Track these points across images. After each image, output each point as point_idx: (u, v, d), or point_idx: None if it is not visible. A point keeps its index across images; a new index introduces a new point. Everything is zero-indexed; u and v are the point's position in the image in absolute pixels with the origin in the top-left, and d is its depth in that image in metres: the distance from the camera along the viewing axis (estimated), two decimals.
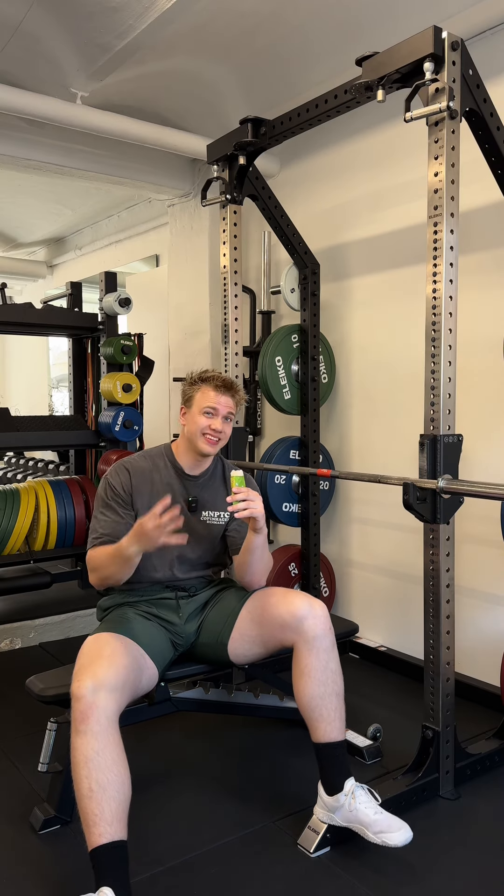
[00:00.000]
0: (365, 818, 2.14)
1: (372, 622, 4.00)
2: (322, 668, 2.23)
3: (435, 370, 2.43)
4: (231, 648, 2.42)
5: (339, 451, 4.16)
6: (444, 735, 2.52)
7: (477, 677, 3.36)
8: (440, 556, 2.48)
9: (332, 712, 2.22)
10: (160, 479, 2.51)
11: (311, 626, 2.24)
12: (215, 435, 2.45)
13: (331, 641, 2.27)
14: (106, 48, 3.36)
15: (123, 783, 1.92)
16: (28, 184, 5.46)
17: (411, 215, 3.66)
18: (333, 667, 2.26)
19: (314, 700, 2.22)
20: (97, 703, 1.95)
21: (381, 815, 2.14)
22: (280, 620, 2.29)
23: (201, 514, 2.56)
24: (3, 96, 3.50)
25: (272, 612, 2.32)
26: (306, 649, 2.24)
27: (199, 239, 4.92)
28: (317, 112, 2.92)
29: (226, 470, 2.66)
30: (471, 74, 2.45)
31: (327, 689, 2.23)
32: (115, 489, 2.45)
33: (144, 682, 2.23)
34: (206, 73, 3.73)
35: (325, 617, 2.28)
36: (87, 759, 1.90)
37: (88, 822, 1.87)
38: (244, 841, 2.28)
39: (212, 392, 2.46)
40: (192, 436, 2.47)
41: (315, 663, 2.23)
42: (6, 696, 3.40)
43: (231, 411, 2.49)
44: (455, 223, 2.43)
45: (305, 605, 2.27)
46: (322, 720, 2.22)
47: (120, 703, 2.02)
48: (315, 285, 3.91)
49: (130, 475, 2.48)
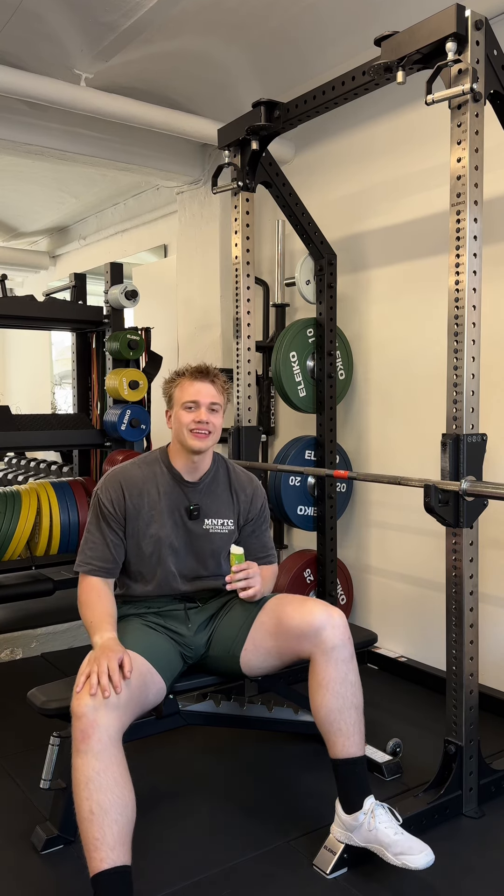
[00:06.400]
0: (385, 838, 2.13)
1: (391, 631, 4.00)
2: (341, 680, 2.22)
3: (458, 366, 2.43)
4: (244, 661, 2.42)
5: (357, 451, 4.16)
6: (468, 750, 2.52)
7: (502, 689, 3.36)
8: (463, 561, 2.48)
9: (352, 727, 2.22)
10: (157, 490, 2.47)
11: (329, 636, 2.23)
12: (202, 428, 2.40)
13: (350, 652, 2.26)
14: (111, 27, 3.37)
15: (126, 805, 1.93)
16: (30, 170, 5.48)
17: (433, 203, 3.66)
18: (353, 679, 2.25)
19: (332, 714, 2.21)
20: (98, 721, 1.95)
21: (402, 836, 2.14)
22: (297, 630, 2.29)
23: (203, 521, 2.52)
24: (3, 78, 3.52)
25: (288, 622, 2.32)
26: (324, 660, 2.24)
27: (210, 228, 4.93)
28: (334, 94, 2.93)
29: (231, 474, 2.62)
30: (496, 55, 2.45)
31: (346, 703, 2.22)
32: (105, 507, 2.43)
33: (151, 698, 2.24)
34: (217, 54, 3.74)
35: (344, 626, 2.27)
36: (88, 780, 1.91)
37: (89, 847, 1.87)
38: (257, 861, 2.29)
39: (188, 383, 2.44)
40: (179, 435, 2.45)
41: (333, 675, 2.22)
42: (6, 709, 3.43)
43: (214, 400, 2.43)
44: (479, 211, 2.43)
45: (324, 614, 2.26)
46: (340, 735, 2.21)
47: (123, 722, 2.03)
48: (331, 277, 3.91)
49: (123, 491, 2.44)
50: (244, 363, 3.48)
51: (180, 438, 2.45)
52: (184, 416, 2.42)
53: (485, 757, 2.60)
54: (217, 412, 2.45)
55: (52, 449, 5.31)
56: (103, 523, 2.43)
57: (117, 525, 2.43)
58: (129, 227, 6.45)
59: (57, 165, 4.99)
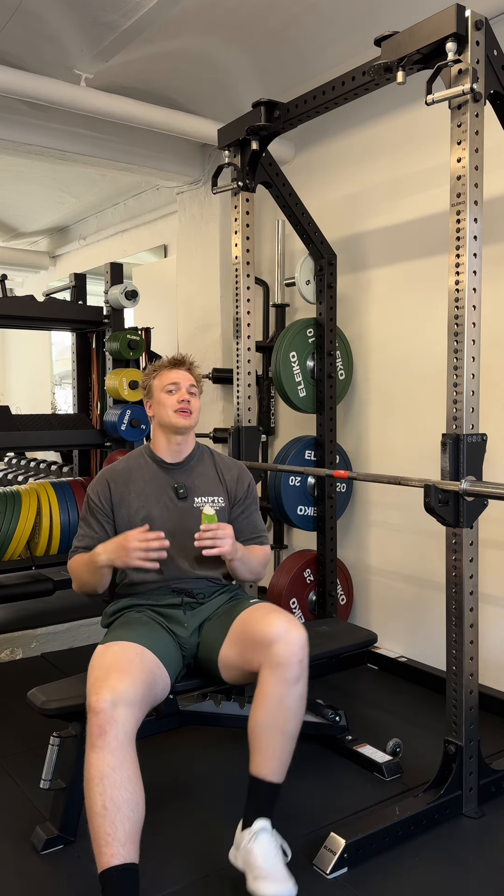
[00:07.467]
0: (254, 861, 2.04)
1: (391, 631, 4.00)
2: (276, 701, 2.13)
3: (458, 366, 2.44)
4: (221, 667, 2.39)
5: (357, 451, 4.17)
6: (468, 750, 2.52)
7: (502, 689, 3.36)
8: (463, 561, 2.49)
9: (272, 750, 2.14)
10: (140, 477, 2.59)
11: (279, 652, 2.14)
12: (185, 407, 2.54)
13: (297, 675, 2.15)
14: (111, 27, 3.37)
15: (138, 803, 1.94)
16: (30, 170, 5.49)
17: (433, 203, 3.67)
18: (290, 704, 2.15)
19: (258, 729, 2.15)
20: (116, 717, 1.96)
21: (273, 866, 2.04)
22: (253, 639, 2.23)
23: (193, 500, 2.58)
24: (3, 78, 3.52)
25: (249, 630, 2.28)
26: (267, 674, 2.15)
27: (210, 228, 4.94)
28: (334, 94, 2.93)
29: (215, 457, 2.72)
30: (496, 55, 2.45)
31: (274, 725, 2.13)
32: (92, 501, 2.57)
33: (159, 693, 2.24)
34: (217, 54, 3.75)
35: (298, 647, 2.17)
36: (103, 776, 1.92)
37: (100, 842, 1.88)
38: None
39: (166, 372, 2.61)
40: (162, 419, 2.58)
41: (270, 693, 2.14)
42: (6, 709, 3.43)
43: (192, 384, 2.61)
44: (479, 211, 2.43)
45: (281, 628, 2.18)
46: (258, 753, 2.15)
47: (138, 718, 2.04)
48: (331, 277, 3.92)
49: (109, 485, 2.57)
50: (244, 363, 3.48)
51: (164, 420, 2.57)
52: (166, 399, 2.56)
53: (485, 757, 2.60)
54: (195, 396, 2.61)
55: (52, 449, 5.32)
56: (90, 516, 2.57)
57: (104, 517, 2.55)
58: (129, 227, 6.46)
59: (57, 165, 4.99)
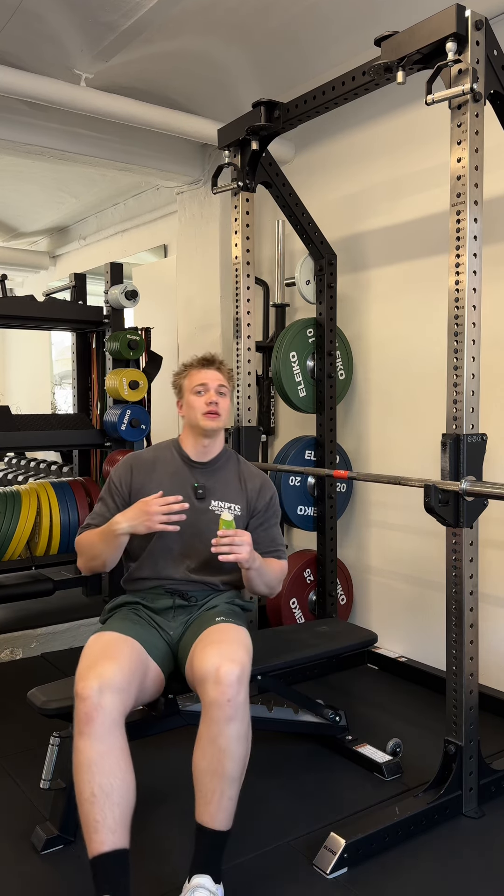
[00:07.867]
0: None
1: (391, 631, 4.00)
2: (210, 741, 2.01)
3: (458, 366, 2.44)
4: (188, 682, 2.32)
5: (357, 451, 4.17)
6: (468, 750, 2.52)
7: (502, 689, 3.36)
8: (463, 561, 2.49)
9: (211, 794, 2.00)
10: (164, 469, 2.58)
11: (208, 690, 2.03)
12: (213, 409, 2.53)
13: (229, 716, 2.00)
14: (111, 27, 3.38)
15: (128, 789, 1.94)
16: (30, 170, 5.49)
17: (433, 203, 3.67)
18: (223, 745, 2.00)
19: (196, 772, 2.04)
20: (103, 704, 1.96)
21: None
22: (193, 671, 2.16)
23: (210, 503, 2.56)
24: (3, 78, 3.53)
25: (192, 659, 2.21)
26: (204, 712, 2.06)
27: (210, 228, 4.94)
28: (334, 94, 2.94)
29: (241, 464, 2.69)
30: (496, 55, 2.46)
31: (212, 768, 2.01)
32: (113, 483, 2.58)
33: (149, 685, 2.24)
34: (217, 54, 3.75)
35: (228, 684, 2.01)
36: (91, 763, 1.92)
37: (90, 829, 1.88)
38: (257, 861, 2.29)
39: (196, 371, 2.61)
40: (191, 419, 2.58)
41: (205, 732, 2.03)
42: (6, 709, 3.43)
43: (221, 384, 2.59)
44: (479, 211, 2.43)
45: (213, 666, 2.05)
46: (200, 797, 2.03)
47: (126, 705, 2.04)
48: (331, 277, 3.92)
49: (132, 471, 2.58)
50: (244, 363, 3.49)
51: (193, 422, 2.57)
52: (195, 401, 2.56)
53: (485, 757, 2.61)
54: (224, 395, 2.59)
55: (52, 449, 5.32)
56: (108, 497, 2.57)
57: (121, 500, 2.53)
58: (129, 228, 6.46)
59: (57, 165, 4.99)
